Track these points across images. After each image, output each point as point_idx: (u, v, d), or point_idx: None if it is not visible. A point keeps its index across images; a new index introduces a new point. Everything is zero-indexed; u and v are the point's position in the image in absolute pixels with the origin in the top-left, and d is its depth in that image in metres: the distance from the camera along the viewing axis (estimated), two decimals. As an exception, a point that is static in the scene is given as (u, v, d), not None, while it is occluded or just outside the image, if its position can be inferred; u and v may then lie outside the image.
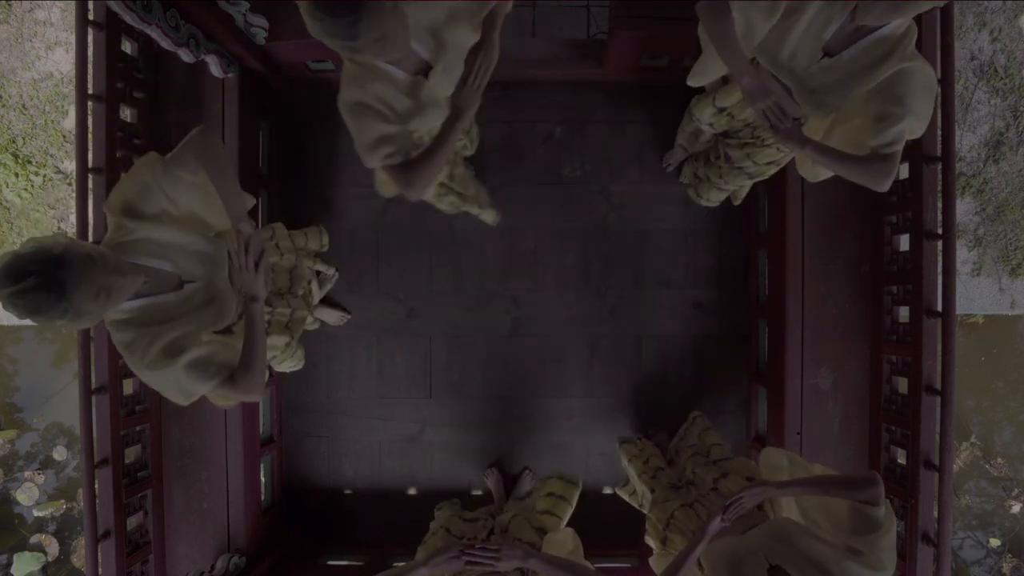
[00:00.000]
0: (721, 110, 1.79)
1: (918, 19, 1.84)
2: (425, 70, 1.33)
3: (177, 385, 1.31)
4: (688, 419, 2.32)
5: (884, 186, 1.39)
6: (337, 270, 2.56)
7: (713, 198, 2.29)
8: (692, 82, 1.73)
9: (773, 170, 1.93)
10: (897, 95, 1.32)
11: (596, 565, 2.25)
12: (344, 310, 2.57)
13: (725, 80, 1.75)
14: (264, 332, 1.38)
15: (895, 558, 1.31)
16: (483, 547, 1.35)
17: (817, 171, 1.68)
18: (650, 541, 1.81)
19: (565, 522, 1.85)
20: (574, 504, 1.94)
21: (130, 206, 1.27)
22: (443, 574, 1.39)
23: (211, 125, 2.11)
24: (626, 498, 2.22)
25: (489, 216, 2.43)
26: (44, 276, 1.00)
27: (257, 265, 1.35)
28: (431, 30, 1.30)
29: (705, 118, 1.86)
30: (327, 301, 2.57)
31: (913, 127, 1.34)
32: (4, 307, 1.01)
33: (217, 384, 1.32)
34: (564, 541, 1.58)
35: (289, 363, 2.17)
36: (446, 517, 1.75)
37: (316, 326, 2.43)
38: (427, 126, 1.46)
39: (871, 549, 1.29)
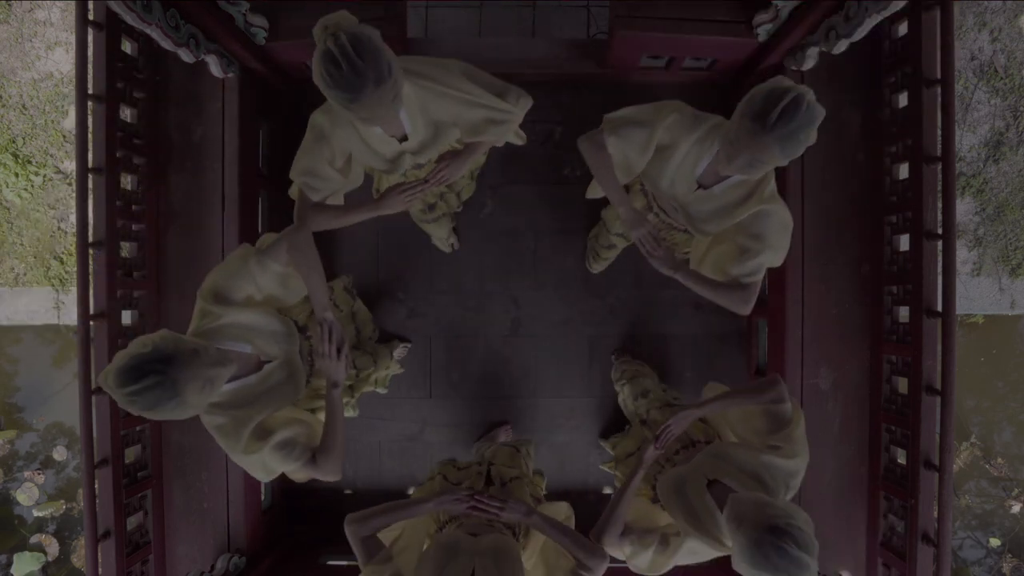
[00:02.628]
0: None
1: (917, 21, 1.85)
2: (403, 138, 1.44)
3: (263, 465, 1.38)
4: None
5: (745, 311, 1.51)
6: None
7: None
8: (589, 195, 1.88)
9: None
10: (756, 232, 1.46)
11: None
12: (405, 340, 2.59)
13: (628, 188, 1.83)
14: (343, 416, 1.46)
15: (807, 448, 1.44)
16: (491, 496, 1.41)
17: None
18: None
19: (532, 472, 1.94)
20: (533, 457, 2.04)
21: (220, 293, 1.36)
22: (444, 513, 1.47)
23: (211, 126, 2.11)
24: (609, 450, 2.26)
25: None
26: (160, 375, 1.09)
27: (339, 352, 1.43)
28: (436, 122, 1.43)
29: (614, 227, 2.03)
30: (384, 336, 2.59)
31: (771, 259, 1.49)
32: (119, 403, 1.11)
33: (301, 465, 1.40)
34: (558, 511, 1.63)
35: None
36: (441, 465, 1.85)
37: (400, 370, 2.41)
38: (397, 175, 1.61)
39: (787, 442, 1.43)
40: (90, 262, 1.81)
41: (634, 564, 1.49)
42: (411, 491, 2.61)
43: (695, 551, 1.41)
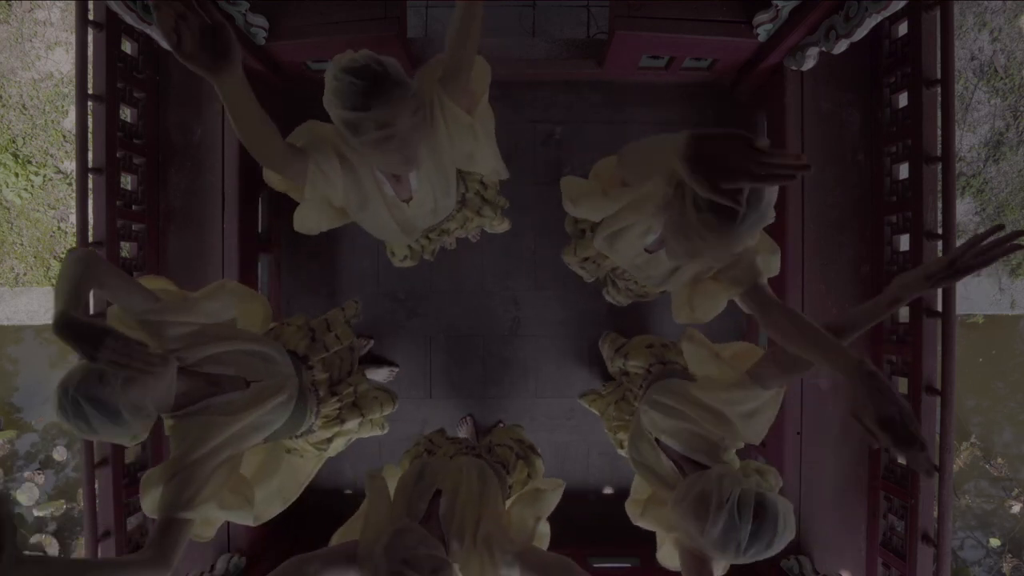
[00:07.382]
0: (585, 260, 1.88)
1: (917, 21, 1.85)
2: (407, 200, 1.49)
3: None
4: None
5: (794, 332, 1.15)
6: (371, 338, 2.59)
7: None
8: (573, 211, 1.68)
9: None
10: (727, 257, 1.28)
11: (597, 565, 2.27)
12: (392, 364, 2.59)
13: (594, 227, 1.74)
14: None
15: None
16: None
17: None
18: (621, 452, 1.90)
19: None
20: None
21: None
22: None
23: (211, 126, 2.11)
24: (587, 405, 2.28)
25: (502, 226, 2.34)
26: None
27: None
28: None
29: (574, 265, 1.96)
30: (373, 359, 2.59)
31: (764, 260, 1.30)
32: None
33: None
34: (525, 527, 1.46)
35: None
36: (431, 433, 1.85)
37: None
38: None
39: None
40: (90, 262, 1.81)
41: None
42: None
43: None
